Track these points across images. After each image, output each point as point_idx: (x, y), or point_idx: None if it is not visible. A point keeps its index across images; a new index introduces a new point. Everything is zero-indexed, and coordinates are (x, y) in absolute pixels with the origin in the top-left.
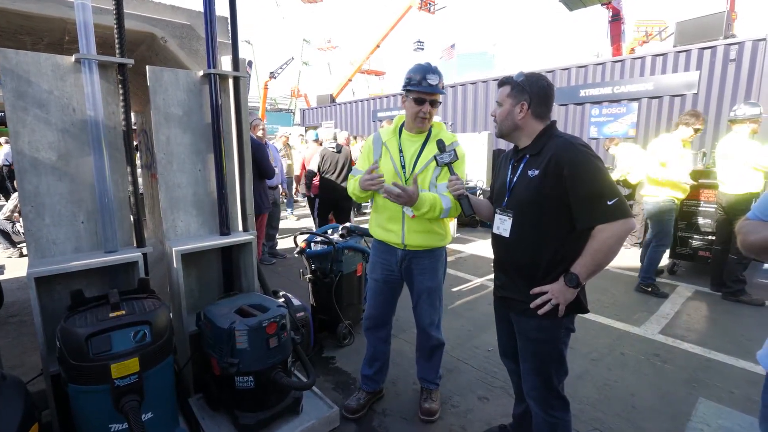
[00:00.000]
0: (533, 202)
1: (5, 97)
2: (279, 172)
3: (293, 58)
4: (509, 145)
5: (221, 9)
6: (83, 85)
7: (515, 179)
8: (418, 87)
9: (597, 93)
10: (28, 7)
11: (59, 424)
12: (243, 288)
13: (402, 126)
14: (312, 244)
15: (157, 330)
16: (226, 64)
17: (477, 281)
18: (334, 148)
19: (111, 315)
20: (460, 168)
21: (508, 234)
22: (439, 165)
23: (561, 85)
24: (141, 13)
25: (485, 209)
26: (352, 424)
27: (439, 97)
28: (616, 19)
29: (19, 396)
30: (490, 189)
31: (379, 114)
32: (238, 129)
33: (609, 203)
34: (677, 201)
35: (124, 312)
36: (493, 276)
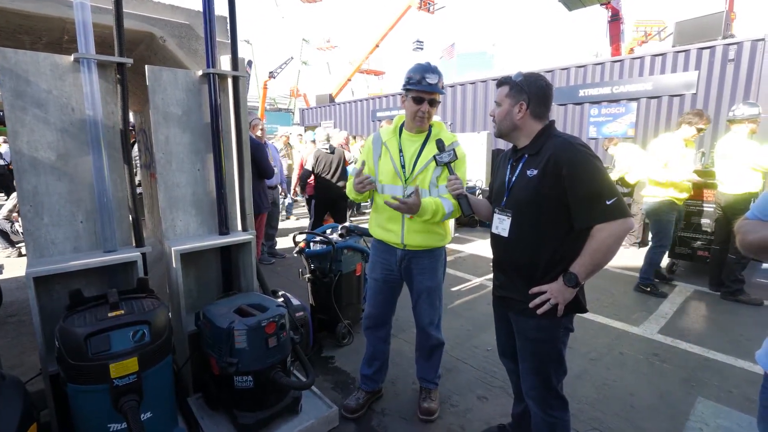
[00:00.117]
0: (532, 201)
1: (4, 97)
2: (278, 171)
3: (292, 57)
4: (508, 145)
5: (220, 8)
6: (82, 85)
7: (514, 179)
8: (417, 86)
9: (596, 93)
10: (26, 7)
11: (58, 423)
12: (242, 288)
13: (402, 126)
14: (311, 243)
15: (156, 330)
16: (225, 63)
17: (476, 281)
18: (327, 149)
19: (110, 315)
20: (461, 168)
21: (506, 234)
22: (439, 164)
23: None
24: (140, 13)
25: (484, 209)
26: (351, 423)
27: (438, 97)
28: (615, 19)
29: (18, 396)
30: (488, 189)
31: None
32: (237, 128)
33: (608, 203)
34: (678, 201)
35: (123, 312)
36: (492, 276)
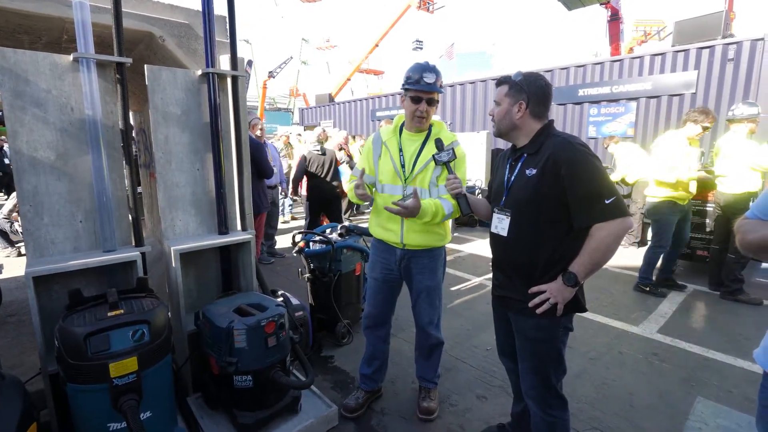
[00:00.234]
0: (531, 201)
1: (3, 97)
2: (278, 171)
3: (292, 57)
4: (508, 145)
5: (219, 8)
6: (81, 84)
7: (513, 178)
8: (415, 85)
9: (595, 92)
10: (26, 6)
11: (58, 423)
12: (241, 287)
13: (402, 125)
14: (310, 243)
15: (156, 329)
16: (224, 63)
17: (475, 280)
18: (318, 150)
19: (109, 314)
20: (460, 168)
21: (506, 233)
22: (438, 164)
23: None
24: (139, 12)
25: (483, 208)
26: (350, 423)
27: (436, 96)
28: (614, 19)
29: (18, 395)
30: (487, 188)
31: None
32: (236, 128)
33: (607, 202)
34: (681, 202)
35: (122, 311)
36: (492, 275)
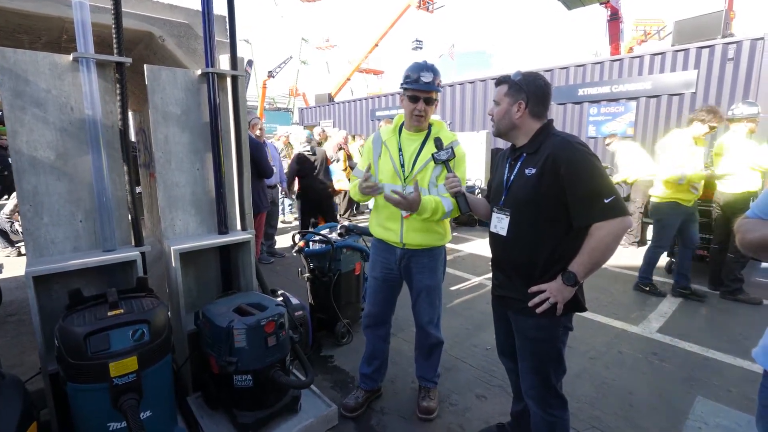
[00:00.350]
0: (530, 200)
1: (3, 96)
2: (277, 171)
3: (291, 57)
4: (507, 144)
5: (219, 8)
6: (81, 84)
7: (512, 178)
8: (412, 85)
9: (595, 92)
10: (25, 6)
11: (58, 422)
12: (241, 287)
13: (402, 125)
14: (310, 242)
15: (156, 329)
16: (224, 63)
17: (475, 280)
18: (308, 150)
19: (109, 314)
20: (460, 167)
21: (505, 233)
22: (437, 162)
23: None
24: (139, 12)
25: (483, 208)
26: (350, 422)
27: (435, 95)
28: (614, 18)
29: (18, 395)
30: (487, 187)
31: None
32: (236, 128)
33: (606, 201)
34: (684, 203)
35: (122, 311)
36: (491, 275)
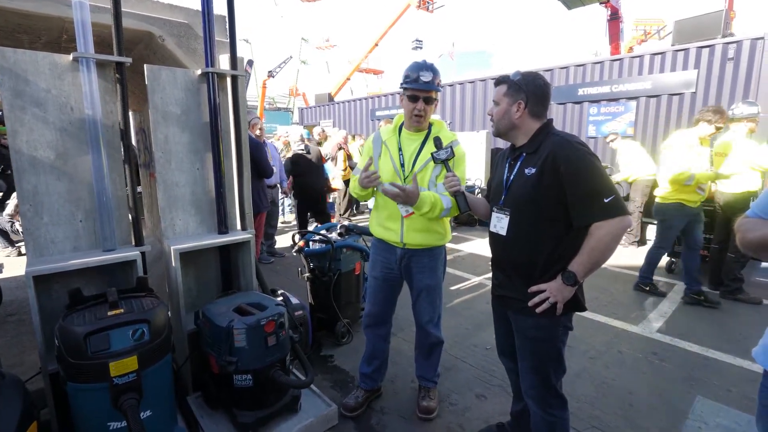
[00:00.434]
0: (530, 200)
1: (3, 96)
2: (277, 171)
3: (291, 56)
4: (507, 144)
5: (219, 8)
6: (81, 84)
7: (512, 177)
8: (412, 84)
9: (595, 92)
10: (25, 6)
11: (58, 422)
12: (241, 287)
13: (402, 125)
14: (310, 242)
15: (156, 328)
16: (224, 62)
17: (475, 280)
18: (303, 149)
19: (109, 313)
20: (460, 167)
21: (505, 232)
22: (436, 162)
23: (559, 84)
24: (139, 12)
25: (482, 207)
26: (350, 422)
27: (434, 94)
28: (614, 18)
29: (18, 394)
30: (486, 187)
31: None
32: (236, 128)
33: (605, 201)
34: (690, 204)
35: (122, 310)
36: (491, 274)
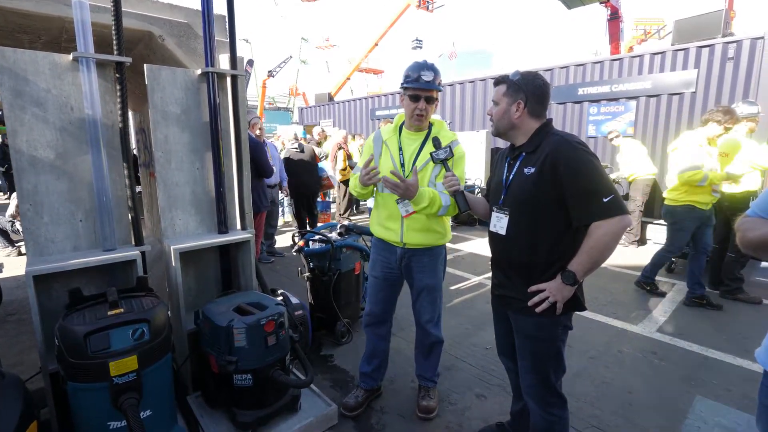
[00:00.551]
0: (529, 199)
1: (3, 96)
2: (277, 170)
3: (291, 56)
4: (507, 144)
5: (219, 7)
6: (81, 84)
7: (511, 177)
8: (413, 84)
9: (595, 91)
10: (25, 6)
11: (58, 422)
12: (241, 286)
13: (402, 125)
14: (310, 242)
15: (156, 328)
16: (224, 62)
17: (475, 279)
18: (296, 148)
19: (109, 313)
20: (459, 167)
21: (504, 232)
22: (435, 162)
23: (559, 84)
24: (139, 12)
25: (482, 207)
26: (350, 421)
27: (435, 94)
28: (614, 18)
29: (18, 394)
30: (486, 187)
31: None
32: (236, 127)
33: (605, 200)
34: (701, 206)
35: (122, 310)
36: (491, 274)
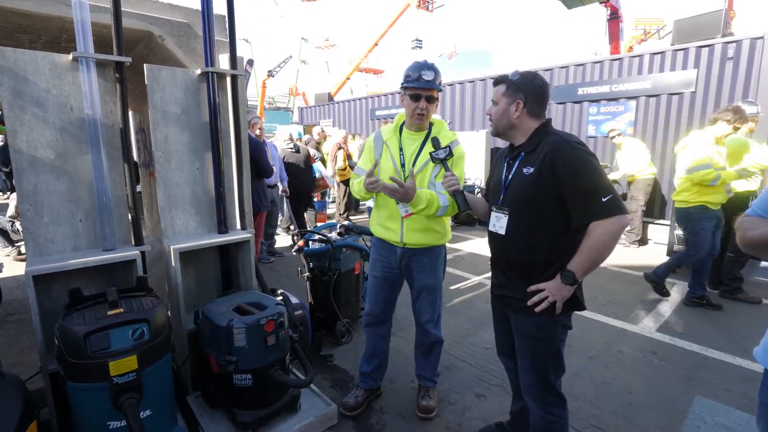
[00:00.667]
0: (528, 199)
1: (3, 96)
2: (277, 170)
3: (291, 56)
4: (506, 143)
5: (219, 7)
6: (81, 84)
7: (511, 177)
8: (414, 83)
9: (595, 91)
10: (25, 6)
11: (58, 421)
12: (241, 286)
13: (403, 124)
14: (310, 242)
15: (156, 328)
16: (224, 62)
17: (475, 279)
18: (292, 148)
19: (109, 313)
20: (458, 167)
21: (504, 231)
22: (434, 161)
23: (559, 84)
24: (139, 12)
25: (481, 207)
26: (349, 421)
27: (435, 93)
28: (614, 18)
29: (18, 394)
30: (485, 187)
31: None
32: (236, 127)
33: (604, 200)
34: (712, 206)
35: (122, 310)
36: (491, 274)
